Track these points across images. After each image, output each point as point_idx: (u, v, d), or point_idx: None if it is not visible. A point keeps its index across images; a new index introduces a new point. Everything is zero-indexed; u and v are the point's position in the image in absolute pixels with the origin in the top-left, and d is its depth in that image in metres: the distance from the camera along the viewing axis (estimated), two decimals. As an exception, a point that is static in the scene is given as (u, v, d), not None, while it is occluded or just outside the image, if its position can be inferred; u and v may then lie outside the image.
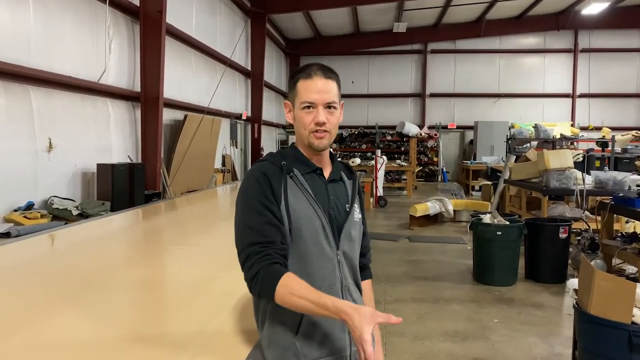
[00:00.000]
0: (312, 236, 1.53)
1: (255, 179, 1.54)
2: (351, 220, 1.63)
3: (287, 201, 1.52)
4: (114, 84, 7.82)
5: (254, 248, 1.46)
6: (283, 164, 1.57)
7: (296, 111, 1.61)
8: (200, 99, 11.00)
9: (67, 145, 6.73)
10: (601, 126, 18.60)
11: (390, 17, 18.20)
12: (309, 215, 1.53)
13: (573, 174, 7.83)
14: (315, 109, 1.57)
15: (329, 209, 1.59)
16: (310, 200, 1.55)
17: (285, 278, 1.41)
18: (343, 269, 1.59)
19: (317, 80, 1.57)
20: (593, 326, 2.80)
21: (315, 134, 1.58)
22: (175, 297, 2.44)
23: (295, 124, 1.63)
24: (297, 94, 1.60)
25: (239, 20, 14.24)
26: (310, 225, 1.53)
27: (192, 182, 10.11)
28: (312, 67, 1.60)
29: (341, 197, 1.66)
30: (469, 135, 21.01)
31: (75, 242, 3.89)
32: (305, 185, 1.57)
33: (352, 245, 1.64)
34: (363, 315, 1.28)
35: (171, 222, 5.21)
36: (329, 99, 1.57)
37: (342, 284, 1.57)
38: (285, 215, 1.51)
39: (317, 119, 1.56)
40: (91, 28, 7.30)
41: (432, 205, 10.02)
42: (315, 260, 1.54)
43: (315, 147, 1.59)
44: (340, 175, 1.71)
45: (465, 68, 20.92)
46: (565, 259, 6.12)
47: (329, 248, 1.56)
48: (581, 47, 20.22)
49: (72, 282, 2.57)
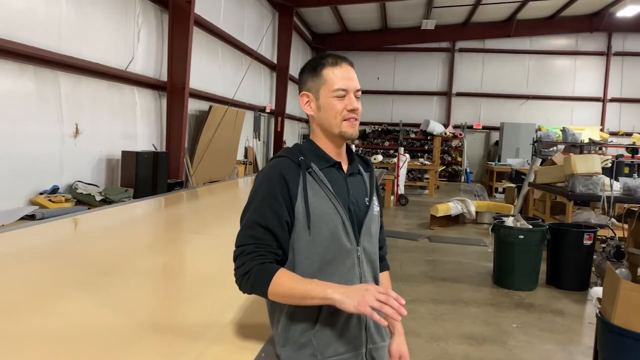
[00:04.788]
0: (331, 233, 1.50)
1: (270, 178, 1.52)
2: (371, 215, 1.60)
3: (306, 198, 1.49)
4: (141, 72, 7.90)
5: (248, 247, 1.46)
6: (301, 159, 1.54)
7: (324, 100, 1.56)
8: (225, 91, 11.05)
9: (93, 131, 6.83)
10: (632, 132, 18.15)
11: (419, 14, 18.01)
12: (328, 211, 1.50)
13: (600, 179, 7.66)
14: (347, 95, 1.55)
15: (349, 204, 1.55)
16: (330, 196, 1.52)
17: (279, 275, 1.41)
18: (363, 266, 1.56)
19: (346, 67, 1.56)
20: (616, 337, 2.72)
21: (349, 122, 1.55)
22: (191, 286, 2.44)
23: (319, 115, 1.58)
24: (324, 82, 1.56)
25: (266, 12, 14.24)
26: (330, 222, 1.50)
27: (215, 173, 10.17)
28: (331, 56, 1.58)
29: (360, 191, 1.63)
30: (494, 136, 20.71)
31: (96, 227, 3.94)
32: (325, 181, 1.53)
33: (372, 240, 1.61)
34: (352, 299, 1.32)
35: (192, 211, 5.24)
36: (357, 86, 1.57)
37: (361, 280, 1.54)
38: (305, 212, 1.48)
39: (352, 105, 1.54)
40: (121, 16, 7.37)
41: (454, 206, 9.91)
42: (334, 257, 1.51)
43: (349, 135, 1.56)
44: (358, 168, 1.67)
45: (493, 68, 20.60)
46: (588, 266, 5.99)
47: (349, 244, 1.53)
48: (615, 50, 19.72)
49: (90, 267, 2.60)
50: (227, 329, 1.74)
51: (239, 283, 1.47)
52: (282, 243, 1.49)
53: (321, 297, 1.37)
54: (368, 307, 1.30)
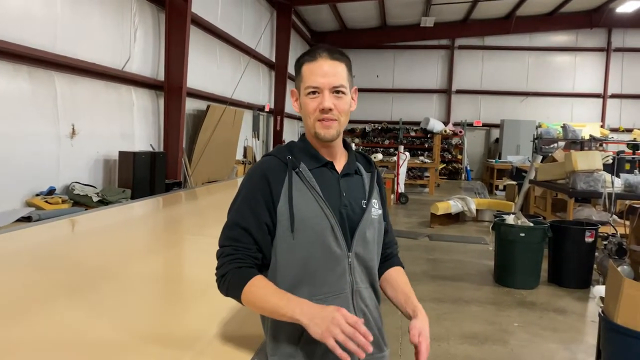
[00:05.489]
0: (318, 237, 1.41)
1: (253, 178, 1.47)
2: (367, 219, 1.49)
3: (290, 199, 1.41)
4: (138, 72, 7.84)
5: (227, 249, 1.42)
6: (289, 158, 1.47)
7: (301, 98, 1.49)
8: (223, 90, 11.00)
9: (90, 131, 6.77)
10: (632, 128, 18.08)
11: (417, 11, 17.94)
12: (315, 214, 1.41)
13: (601, 176, 7.59)
14: (320, 94, 1.44)
15: (340, 207, 1.46)
16: (317, 198, 1.42)
17: (252, 283, 1.36)
18: (354, 273, 1.46)
19: (322, 62, 1.45)
20: (619, 336, 2.66)
21: (322, 122, 1.45)
22: (184, 292, 2.38)
23: (301, 113, 1.51)
24: (301, 79, 1.48)
25: (264, 11, 14.18)
26: (316, 226, 1.41)
27: (213, 173, 10.12)
28: (318, 49, 1.48)
29: (356, 193, 1.52)
30: (494, 133, 20.64)
31: (92, 229, 3.89)
32: (312, 182, 1.44)
33: (367, 246, 1.50)
34: (318, 327, 1.24)
35: (190, 212, 5.19)
36: (335, 82, 1.44)
37: (352, 289, 1.45)
38: (288, 214, 1.40)
39: (323, 105, 1.43)
40: (117, 16, 7.32)
41: (454, 204, 9.86)
42: (321, 263, 1.42)
43: (322, 137, 1.46)
44: (355, 169, 1.57)
45: (493, 65, 20.53)
46: (590, 263, 5.94)
47: (339, 250, 1.43)
48: (615, 46, 19.65)
49: (82, 271, 2.53)
50: (217, 339, 1.66)
51: (217, 284, 1.43)
52: (261, 246, 1.43)
53: (289, 316, 1.30)
54: (331, 340, 1.22)
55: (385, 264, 1.65)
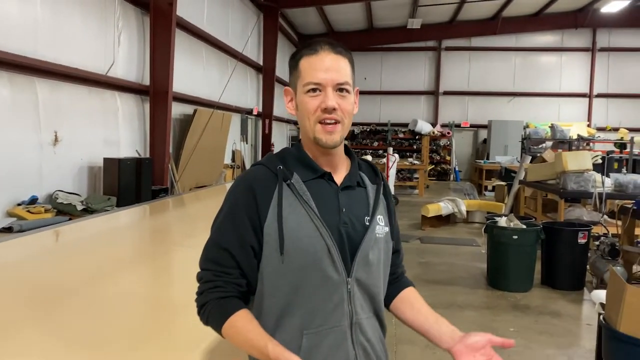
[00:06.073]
0: (312, 261, 1.21)
1: (237, 190, 1.29)
2: (370, 238, 1.29)
3: (280, 216, 1.22)
4: (122, 76, 7.69)
5: (207, 274, 1.26)
6: (279, 168, 1.27)
7: (299, 97, 1.29)
8: (210, 94, 10.86)
9: (74, 138, 6.61)
10: (619, 127, 18.22)
11: (404, 12, 17.93)
12: (308, 234, 1.22)
13: (592, 176, 7.58)
14: (322, 91, 1.25)
15: (339, 225, 1.26)
16: (311, 215, 1.23)
17: (233, 320, 1.20)
18: (354, 302, 1.26)
19: (324, 55, 1.26)
20: (623, 345, 2.59)
21: (324, 126, 1.25)
22: (164, 312, 2.21)
23: (298, 115, 1.31)
24: (299, 75, 1.28)
25: (251, 14, 14.06)
26: (310, 247, 1.21)
27: (201, 178, 9.98)
28: (318, 41, 1.29)
29: (358, 208, 1.31)
30: (482, 134, 20.70)
31: (74, 240, 3.75)
32: (306, 196, 1.25)
33: (370, 269, 1.29)
34: None
35: (177, 220, 5.05)
36: (339, 78, 1.25)
37: (351, 321, 1.25)
38: (277, 234, 1.21)
39: (325, 104, 1.23)
40: (100, 19, 7.16)
41: (445, 206, 9.81)
42: (315, 291, 1.22)
43: (323, 143, 1.26)
44: (358, 180, 1.36)
45: (479, 66, 20.59)
46: (583, 265, 5.89)
47: (336, 275, 1.23)
48: (600, 46, 19.80)
49: (58, 288, 2.38)
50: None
51: (197, 311, 1.28)
52: (245, 270, 1.25)
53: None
54: None
55: (396, 284, 1.47)
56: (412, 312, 1.42)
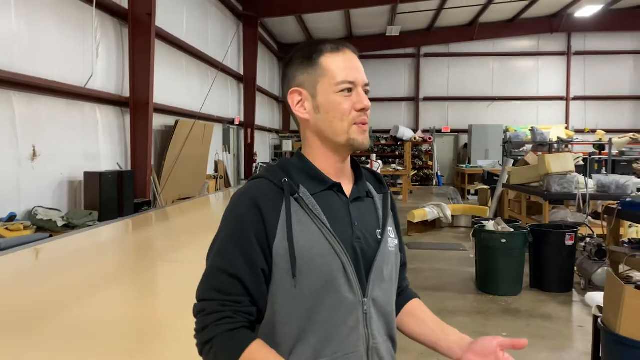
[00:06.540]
0: (326, 281, 1.11)
1: (239, 208, 1.15)
2: (383, 253, 1.20)
3: (290, 235, 1.11)
4: (101, 89, 7.54)
5: (211, 305, 1.10)
6: (285, 180, 1.16)
7: (323, 97, 1.19)
8: (191, 104, 10.74)
9: (53, 153, 6.45)
10: (595, 129, 18.53)
11: (383, 20, 18.04)
12: (322, 252, 1.12)
13: (575, 178, 7.66)
14: (354, 90, 1.19)
15: (352, 241, 1.16)
16: (324, 232, 1.13)
17: (249, 352, 1.07)
18: (371, 325, 1.17)
19: (349, 54, 1.23)
20: (623, 348, 2.57)
21: (359, 126, 1.19)
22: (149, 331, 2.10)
23: (318, 118, 1.20)
24: (324, 74, 1.19)
25: (231, 24, 14.00)
26: (325, 267, 1.11)
27: (184, 190, 9.84)
28: (329, 41, 1.24)
29: (370, 221, 1.23)
30: (463, 139, 20.87)
31: (55, 257, 3.63)
32: (316, 210, 1.14)
33: (385, 287, 1.21)
34: None
35: (160, 234, 4.94)
36: (366, 79, 1.23)
37: (368, 345, 1.16)
38: (287, 254, 1.10)
39: (363, 103, 1.18)
40: (78, 31, 7.03)
41: (430, 211, 9.82)
42: (330, 315, 1.12)
43: (360, 144, 1.20)
44: (367, 190, 1.28)
45: (458, 71, 20.80)
46: (571, 266, 5.92)
47: (352, 296, 1.13)
48: (575, 50, 20.16)
49: (39, 308, 2.28)
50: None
51: (200, 351, 1.11)
52: (255, 298, 1.12)
53: None
54: None
55: (401, 297, 1.38)
56: (418, 325, 1.35)
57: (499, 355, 1.18)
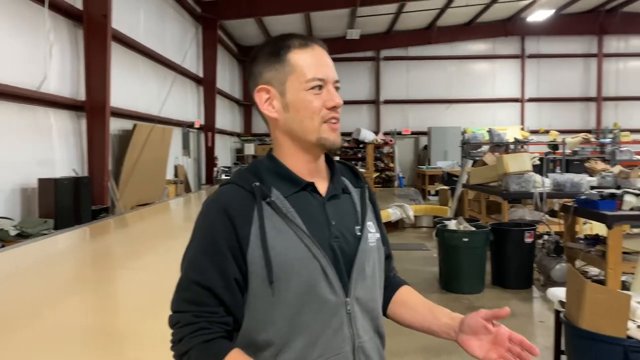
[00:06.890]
0: (306, 286, 1.09)
1: (209, 217, 1.11)
2: (364, 250, 1.18)
3: (264, 241, 1.07)
4: (55, 92, 7.28)
5: (186, 317, 1.07)
6: (255, 185, 1.12)
7: (293, 95, 1.15)
8: (149, 108, 10.51)
9: (3, 158, 6.18)
10: (549, 129, 19.14)
11: (343, 23, 18.14)
12: (299, 256, 1.09)
13: (532, 177, 7.86)
14: (325, 87, 1.17)
15: (330, 241, 1.13)
16: (300, 235, 1.10)
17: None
18: (356, 324, 1.15)
19: (318, 50, 1.18)
20: (586, 342, 2.64)
21: (330, 124, 1.18)
22: (110, 342, 2.02)
23: (287, 117, 1.17)
24: (293, 70, 1.15)
25: (189, 26, 13.79)
26: (303, 271, 1.08)
27: (143, 195, 9.60)
28: (302, 36, 1.19)
29: (347, 218, 1.20)
30: (423, 140, 21.18)
31: (8, 268, 3.46)
32: (291, 213, 1.11)
33: (368, 284, 1.19)
34: None
35: (120, 241, 4.80)
36: (336, 75, 1.22)
37: (354, 345, 1.14)
38: (262, 261, 1.07)
39: (334, 101, 1.17)
40: (29, 32, 6.76)
41: (393, 212, 9.91)
42: (312, 319, 1.10)
43: (331, 143, 1.18)
44: (343, 187, 1.25)
45: (417, 74, 21.11)
46: (531, 263, 6.08)
47: (334, 297, 1.11)
48: (528, 53, 20.78)
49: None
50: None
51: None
52: (230, 308, 1.09)
53: None
54: None
55: (389, 288, 1.36)
56: (409, 313, 1.34)
57: (490, 328, 1.16)
